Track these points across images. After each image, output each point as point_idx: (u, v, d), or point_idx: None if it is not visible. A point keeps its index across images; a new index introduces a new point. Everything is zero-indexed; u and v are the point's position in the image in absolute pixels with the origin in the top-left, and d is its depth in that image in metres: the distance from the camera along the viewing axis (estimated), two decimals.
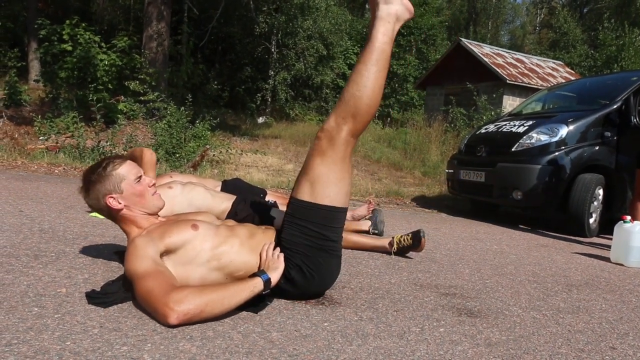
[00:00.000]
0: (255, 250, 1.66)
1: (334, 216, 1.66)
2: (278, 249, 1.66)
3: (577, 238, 4.29)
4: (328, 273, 1.71)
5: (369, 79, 1.62)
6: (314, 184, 1.63)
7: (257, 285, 1.50)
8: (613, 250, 3.25)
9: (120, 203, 1.63)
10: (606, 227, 4.41)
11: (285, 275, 1.63)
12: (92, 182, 1.63)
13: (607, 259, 3.28)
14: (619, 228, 3.22)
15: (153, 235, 1.56)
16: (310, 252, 1.64)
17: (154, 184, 1.72)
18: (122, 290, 1.55)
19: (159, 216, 1.73)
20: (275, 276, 1.56)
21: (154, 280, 1.39)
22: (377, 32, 1.66)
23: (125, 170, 1.65)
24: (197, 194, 2.45)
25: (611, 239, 3.31)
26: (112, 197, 1.62)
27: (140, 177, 1.68)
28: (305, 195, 1.64)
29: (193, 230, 1.59)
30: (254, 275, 1.54)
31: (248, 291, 1.47)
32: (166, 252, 1.55)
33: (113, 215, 1.66)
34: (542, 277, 2.53)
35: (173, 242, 1.55)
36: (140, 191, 1.66)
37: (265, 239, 1.71)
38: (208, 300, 1.38)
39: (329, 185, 1.62)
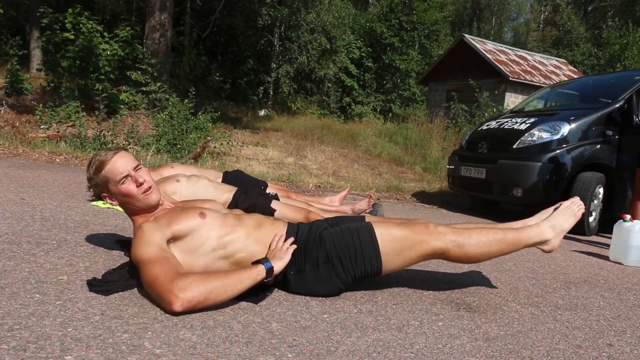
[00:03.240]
0: (262, 241, 1.67)
1: (372, 261, 1.67)
2: (289, 240, 1.67)
3: (576, 236, 4.29)
4: (325, 290, 1.69)
5: (492, 250, 1.76)
6: (391, 238, 1.68)
7: (259, 272, 1.51)
8: (612, 249, 3.26)
9: (114, 201, 1.65)
10: (606, 225, 4.41)
11: (297, 265, 1.65)
12: (88, 179, 1.67)
13: (606, 258, 3.29)
14: (618, 227, 3.22)
15: (160, 221, 1.57)
16: (336, 262, 1.65)
17: (141, 183, 1.61)
18: (123, 279, 1.56)
19: (162, 204, 1.72)
20: (278, 265, 1.58)
21: (159, 267, 1.40)
22: (530, 230, 1.82)
23: (109, 173, 1.59)
24: (201, 187, 2.46)
25: (610, 237, 3.31)
26: (105, 195, 1.65)
27: (125, 177, 1.59)
28: (379, 232, 1.68)
29: (201, 219, 1.60)
30: (257, 262, 1.56)
31: (251, 279, 1.49)
32: (173, 239, 1.56)
33: (118, 204, 1.68)
34: (540, 274, 2.54)
35: (180, 230, 1.56)
36: (126, 193, 1.60)
37: (274, 230, 1.71)
38: (212, 287, 1.39)
39: (394, 248, 1.68)
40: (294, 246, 1.66)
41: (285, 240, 1.68)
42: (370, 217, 1.92)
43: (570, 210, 1.91)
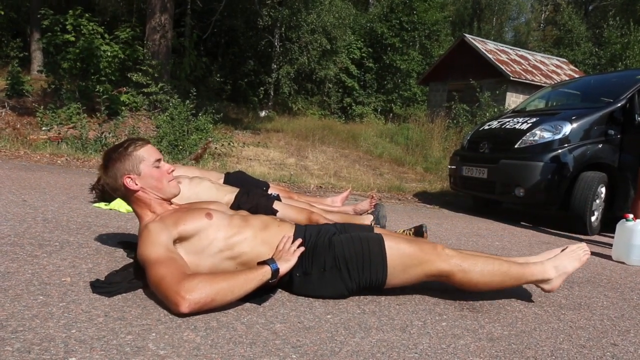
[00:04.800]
0: (269, 242, 1.67)
1: (378, 273, 1.68)
2: (297, 242, 1.67)
3: (578, 236, 4.28)
4: (328, 294, 1.69)
5: (495, 280, 1.77)
6: (399, 252, 1.69)
7: (265, 274, 1.51)
8: (615, 249, 3.25)
9: (137, 184, 1.64)
10: (608, 225, 4.41)
11: (304, 267, 1.65)
12: (112, 159, 1.65)
13: (609, 257, 3.29)
14: (621, 226, 3.21)
15: (167, 222, 1.57)
16: (343, 268, 1.66)
17: (172, 171, 1.73)
18: (126, 280, 1.56)
19: (172, 203, 1.74)
20: (284, 267, 1.57)
21: (166, 268, 1.40)
22: (534, 267, 1.84)
23: (146, 153, 1.68)
24: (203, 188, 2.46)
25: (613, 237, 3.31)
26: (129, 177, 1.64)
27: (159, 160, 1.70)
28: (389, 245, 1.69)
29: (207, 219, 1.60)
30: (263, 262, 1.55)
31: (257, 280, 1.49)
32: (179, 240, 1.56)
33: (128, 195, 1.67)
34: None
35: (187, 230, 1.56)
36: (158, 176, 1.68)
37: (281, 231, 1.71)
38: (219, 289, 1.39)
39: (401, 263, 1.69)
40: (302, 248, 1.66)
41: (293, 242, 1.67)
42: (380, 230, 1.93)
43: (575, 254, 1.91)
